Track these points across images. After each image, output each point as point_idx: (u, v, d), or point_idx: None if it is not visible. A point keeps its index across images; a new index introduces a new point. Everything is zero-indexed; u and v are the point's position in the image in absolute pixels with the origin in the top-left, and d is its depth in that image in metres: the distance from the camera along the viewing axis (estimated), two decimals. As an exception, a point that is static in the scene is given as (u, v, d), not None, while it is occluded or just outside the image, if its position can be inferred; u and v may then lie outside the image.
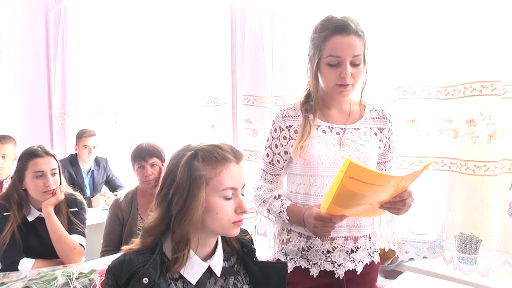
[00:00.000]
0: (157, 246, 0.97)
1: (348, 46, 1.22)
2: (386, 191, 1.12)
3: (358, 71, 1.25)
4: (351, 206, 1.14)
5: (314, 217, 1.19)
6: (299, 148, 1.29)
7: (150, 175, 2.02)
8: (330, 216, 1.16)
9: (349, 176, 1.02)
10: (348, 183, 1.03)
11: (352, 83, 1.26)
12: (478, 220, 1.59)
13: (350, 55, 1.22)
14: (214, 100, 2.60)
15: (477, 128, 1.55)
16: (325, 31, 1.24)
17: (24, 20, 3.92)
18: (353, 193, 1.07)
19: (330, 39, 1.23)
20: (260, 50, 2.29)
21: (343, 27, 1.22)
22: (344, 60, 1.22)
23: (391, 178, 1.08)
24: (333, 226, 1.19)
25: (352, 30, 1.22)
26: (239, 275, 1.07)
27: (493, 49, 1.52)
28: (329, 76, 1.26)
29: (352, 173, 1.01)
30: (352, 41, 1.22)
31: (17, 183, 1.80)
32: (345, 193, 1.07)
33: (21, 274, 1.57)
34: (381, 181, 1.05)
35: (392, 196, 1.15)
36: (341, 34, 1.22)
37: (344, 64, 1.22)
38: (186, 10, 2.80)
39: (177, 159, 0.97)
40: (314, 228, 1.20)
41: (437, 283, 1.55)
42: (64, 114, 3.98)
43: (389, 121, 1.38)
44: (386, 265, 1.85)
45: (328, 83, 1.27)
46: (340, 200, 1.10)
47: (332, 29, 1.23)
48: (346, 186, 1.04)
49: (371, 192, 1.08)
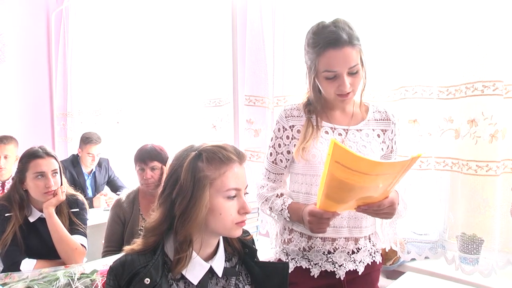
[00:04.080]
0: (158, 247, 0.97)
1: (343, 59, 1.20)
2: (373, 188, 1.11)
3: (357, 78, 1.25)
4: (342, 200, 1.14)
5: (309, 213, 1.20)
6: (301, 149, 1.29)
7: (150, 178, 2.02)
8: (322, 212, 1.17)
9: (335, 161, 1.01)
10: (335, 169, 1.03)
11: (353, 90, 1.26)
12: (480, 220, 1.59)
13: (346, 67, 1.21)
14: (216, 101, 2.60)
15: (478, 128, 1.55)
16: (317, 46, 1.22)
17: (25, 21, 3.93)
18: (342, 183, 1.06)
19: (324, 55, 1.21)
20: (261, 50, 2.29)
21: (334, 41, 1.19)
22: (341, 73, 1.21)
23: (376, 164, 1.05)
24: (327, 223, 1.20)
25: (344, 41, 1.19)
26: (241, 276, 1.07)
27: (494, 49, 1.52)
28: (329, 88, 1.26)
29: (337, 157, 1.01)
30: (346, 54, 1.20)
31: (18, 184, 1.81)
32: (335, 183, 1.07)
33: (23, 274, 1.58)
34: (367, 168, 1.03)
35: (376, 199, 1.15)
36: (334, 48, 1.19)
37: (341, 77, 1.22)
38: (187, 11, 2.80)
39: (180, 160, 0.97)
40: (309, 225, 1.21)
41: (439, 284, 1.55)
42: (65, 115, 3.99)
43: (393, 122, 1.38)
44: (388, 266, 1.85)
45: (329, 94, 1.28)
46: (331, 193, 1.11)
47: (324, 44, 1.21)
48: (335, 175, 1.04)
49: (359, 182, 1.06)
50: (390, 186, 1.13)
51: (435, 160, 1.73)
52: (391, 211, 1.21)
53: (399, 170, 1.08)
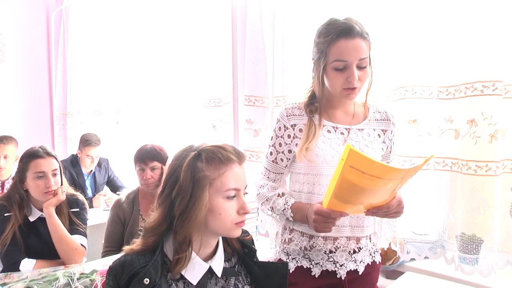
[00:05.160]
0: (158, 247, 0.97)
1: (354, 49, 1.21)
2: (383, 191, 1.11)
3: (364, 73, 1.25)
4: (351, 201, 1.13)
5: (315, 212, 1.19)
6: (304, 149, 1.29)
7: (150, 178, 2.02)
8: (330, 211, 1.16)
9: (349, 165, 1.01)
10: (348, 173, 1.02)
11: (359, 86, 1.26)
12: (480, 220, 1.59)
13: (356, 58, 1.21)
14: (215, 101, 2.60)
15: (478, 128, 1.55)
16: (329, 35, 1.23)
17: (25, 21, 3.93)
18: (354, 185, 1.06)
19: (336, 44, 1.22)
20: (261, 50, 2.29)
21: (348, 31, 1.21)
22: (351, 64, 1.22)
23: (391, 170, 1.06)
24: (333, 223, 1.19)
25: (357, 32, 1.21)
26: (240, 276, 1.07)
27: (494, 49, 1.52)
28: (336, 80, 1.25)
29: (352, 162, 1.00)
30: (357, 44, 1.21)
31: (19, 183, 1.81)
32: (346, 185, 1.06)
33: (22, 274, 1.58)
34: (381, 173, 1.03)
35: (385, 202, 1.15)
36: (346, 38, 1.21)
37: (351, 68, 1.22)
38: (187, 11, 2.80)
39: (180, 160, 0.97)
40: (314, 223, 1.20)
41: (439, 284, 1.55)
42: (65, 115, 3.99)
43: (392, 123, 1.39)
44: (387, 265, 1.85)
45: (335, 87, 1.27)
46: (340, 193, 1.10)
47: (336, 33, 1.22)
48: (347, 177, 1.04)
49: (370, 185, 1.06)
50: (398, 188, 1.13)
51: (435, 160, 1.73)
52: (400, 210, 1.21)
53: (412, 174, 1.09)
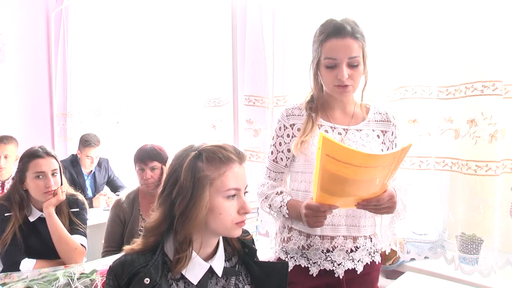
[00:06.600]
0: (158, 247, 0.97)
1: (344, 48, 1.25)
2: (369, 182, 1.11)
3: (356, 72, 1.27)
4: (337, 193, 1.15)
5: (305, 207, 1.22)
6: (300, 143, 1.31)
7: (149, 178, 2.02)
8: (318, 205, 1.18)
9: (326, 154, 1.03)
10: (326, 162, 1.05)
11: (352, 84, 1.28)
12: (480, 220, 1.59)
13: (345, 57, 1.25)
14: (215, 101, 2.60)
15: (478, 128, 1.55)
16: (322, 34, 1.28)
17: (25, 21, 3.92)
18: (334, 176, 1.07)
19: (327, 42, 1.27)
20: (261, 50, 2.29)
21: (338, 30, 1.25)
22: (341, 62, 1.25)
23: (366, 156, 1.05)
24: (324, 216, 1.21)
25: (347, 32, 1.25)
26: (241, 275, 1.07)
27: (494, 49, 1.52)
28: (327, 78, 1.29)
29: (327, 150, 1.03)
30: (347, 44, 1.25)
31: (18, 183, 1.81)
32: (327, 176, 1.08)
33: (22, 274, 1.58)
34: (357, 160, 1.04)
35: (374, 194, 1.16)
36: (337, 37, 1.25)
37: (340, 66, 1.25)
38: (187, 11, 2.80)
39: (180, 159, 0.97)
40: (306, 218, 1.23)
41: (439, 283, 1.55)
42: (65, 115, 3.99)
43: (393, 124, 1.39)
44: (387, 265, 1.85)
45: (327, 84, 1.31)
46: (325, 185, 1.12)
47: (328, 33, 1.27)
48: (326, 167, 1.06)
49: (350, 175, 1.07)
50: (386, 179, 1.14)
51: (435, 160, 1.73)
52: (392, 205, 1.22)
53: (391, 161, 1.08)
